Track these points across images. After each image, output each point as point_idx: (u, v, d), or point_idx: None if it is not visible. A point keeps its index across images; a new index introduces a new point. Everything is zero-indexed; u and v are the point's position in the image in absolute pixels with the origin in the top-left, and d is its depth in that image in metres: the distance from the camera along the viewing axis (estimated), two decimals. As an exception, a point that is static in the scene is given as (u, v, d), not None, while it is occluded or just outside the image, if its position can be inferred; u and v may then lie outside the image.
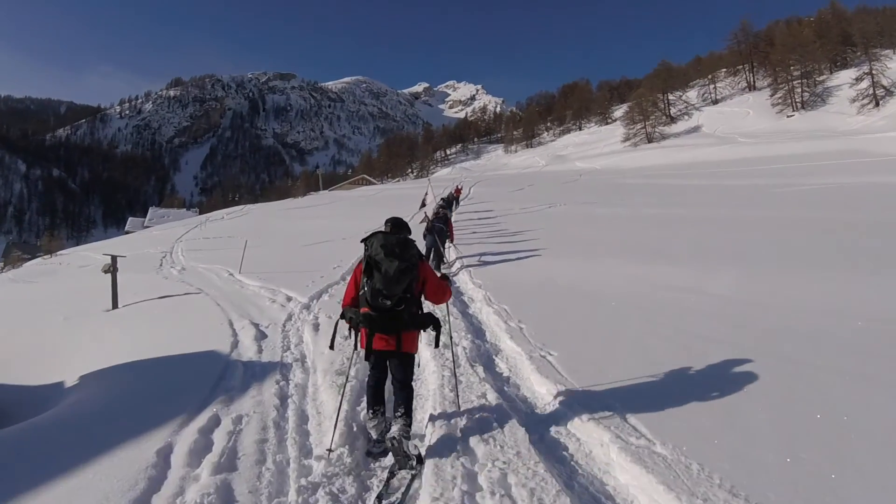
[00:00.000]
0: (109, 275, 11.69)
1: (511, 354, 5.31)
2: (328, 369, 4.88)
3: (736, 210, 16.50)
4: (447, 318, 4.45)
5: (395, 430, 3.36)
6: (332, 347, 3.86)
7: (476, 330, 6.25)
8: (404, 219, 3.89)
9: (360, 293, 3.50)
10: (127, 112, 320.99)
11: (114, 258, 11.24)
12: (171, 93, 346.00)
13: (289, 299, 8.38)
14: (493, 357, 5.33)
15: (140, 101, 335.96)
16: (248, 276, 11.05)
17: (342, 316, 3.64)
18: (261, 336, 6.33)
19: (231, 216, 36.90)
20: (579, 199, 24.52)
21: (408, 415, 3.50)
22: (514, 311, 6.54)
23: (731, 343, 5.05)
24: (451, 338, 4.43)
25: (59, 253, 35.88)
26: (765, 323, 5.70)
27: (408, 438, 3.40)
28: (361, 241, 3.56)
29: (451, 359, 4.57)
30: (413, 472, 3.26)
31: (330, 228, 19.58)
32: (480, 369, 4.75)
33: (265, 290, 9.30)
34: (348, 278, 10.29)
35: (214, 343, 6.12)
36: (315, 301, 8.11)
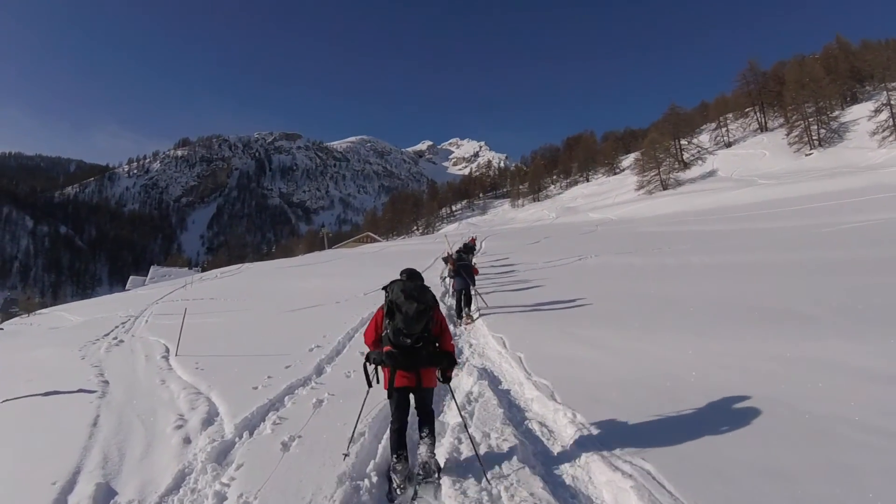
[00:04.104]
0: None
1: None
2: None
3: (805, 252, 13.43)
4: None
5: (423, 451, 3.62)
6: (369, 384, 3.90)
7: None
8: (419, 270, 4.05)
9: (384, 334, 3.73)
10: (135, 171, 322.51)
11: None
12: (179, 153, 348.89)
13: (207, 423, 4.79)
14: None
15: (148, 160, 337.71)
16: (183, 363, 7.52)
17: (367, 358, 3.83)
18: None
19: (225, 275, 35.13)
20: (607, 249, 21.77)
21: (432, 434, 3.73)
22: (683, 489, 2.95)
23: None
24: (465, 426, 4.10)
25: (37, 312, 32.91)
26: None
27: (434, 457, 3.65)
28: (383, 289, 3.84)
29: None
30: (436, 478, 3.56)
31: (325, 289, 17.01)
32: None
33: (187, 393, 5.73)
34: (327, 368, 7.08)
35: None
36: (245, 437, 4.50)
